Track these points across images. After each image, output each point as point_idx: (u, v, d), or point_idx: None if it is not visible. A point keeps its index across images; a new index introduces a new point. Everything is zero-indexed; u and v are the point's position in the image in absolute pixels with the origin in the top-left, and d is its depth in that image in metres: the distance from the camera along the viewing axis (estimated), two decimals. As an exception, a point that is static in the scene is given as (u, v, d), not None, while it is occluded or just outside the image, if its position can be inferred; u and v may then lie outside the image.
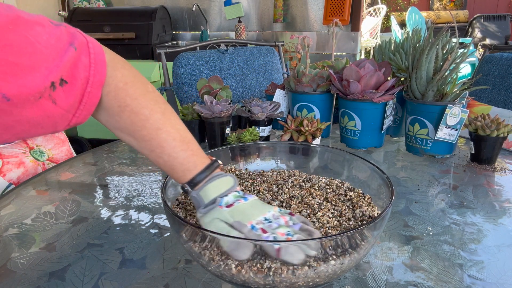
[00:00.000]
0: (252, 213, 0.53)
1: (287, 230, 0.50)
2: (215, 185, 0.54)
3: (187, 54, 1.64)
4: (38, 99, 0.42)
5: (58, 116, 0.46)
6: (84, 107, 0.48)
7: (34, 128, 0.45)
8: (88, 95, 0.48)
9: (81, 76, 0.47)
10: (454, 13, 6.30)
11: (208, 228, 0.51)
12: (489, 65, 1.56)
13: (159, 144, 0.54)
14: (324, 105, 1.12)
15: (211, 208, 0.53)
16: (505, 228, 0.69)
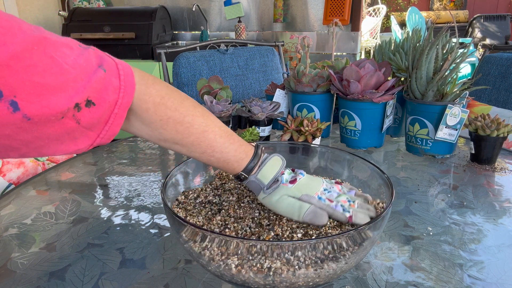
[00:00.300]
0: (314, 185, 0.58)
1: (346, 197, 0.58)
2: (269, 166, 0.58)
3: (187, 54, 1.64)
4: (60, 119, 0.42)
5: (78, 133, 0.46)
6: (109, 128, 0.48)
7: (54, 143, 0.44)
8: (114, 117, 0.48)
9: (110, 98, 0.47)
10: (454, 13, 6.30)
11: (279, 204, 0.56)
12: (489, 65, 1.56)
13: (209, 144, 0.56)
14: (324, 105, 1.12)
15: (275, 187, 0.57)
16: (505, 228, 0.69)
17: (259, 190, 0.58)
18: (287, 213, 0.56)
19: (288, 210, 0.56)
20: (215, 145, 0.56)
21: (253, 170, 0.58)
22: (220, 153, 0.57)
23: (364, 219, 0.54)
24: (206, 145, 0.56)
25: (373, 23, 5.06)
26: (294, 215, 0.55)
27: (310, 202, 0.55)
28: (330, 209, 0.55)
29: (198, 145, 0.55)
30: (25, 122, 0.39)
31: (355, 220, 0.54)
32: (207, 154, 0.56)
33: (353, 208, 0.56)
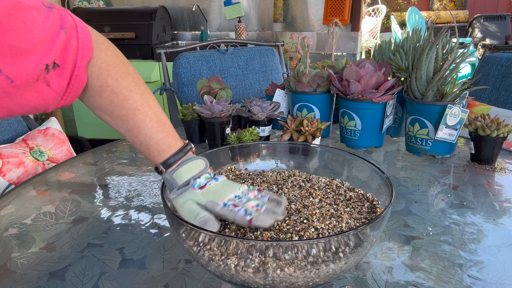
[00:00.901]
0: (224, 191, 0.57)
1: (256, 203, 0.56)
2: (188, 167, 0.57)
3: (187, 54, 1.64)
4: (35, 81, 0.45)
5: (51, 99, 0.49)
6: (71, 90, 0.51)
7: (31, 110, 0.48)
8: (75, 78, 0.50)
9: (70, 59, 0.49)
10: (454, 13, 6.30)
11: (182, 208, 0.55)
12: (489, 65, 1.56)
13: (136, 124, 0.56)
14: (324, 105, 1.12)
15: (184, 190, 0.56)
16: (505, 228, 0.69)
17: (171, 189, 0.57)
18: (186, 218, 0.54)
19: (187, 216, 0.54)
20: (142, 126, 0.56)
21: (171, 167, 0.57)
22: (144, 136, 0.57)
23: (265, 220, 0.53)
24: (133, 124, 0.56)
25: (373, 23, 5.06)
26: (191, 221, 0.53)
27: (213, 208, 0.54)
28: (232, 214, 0.54)
29: (126, 121, 0.56)
30: (9, 84, 0.42)
31: (255, 223, 0.52)
32: (132, 133, 0.57)
33: (258, 212, 0.54)
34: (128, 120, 0.56)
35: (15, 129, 1.23)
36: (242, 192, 0.58)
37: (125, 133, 0.57)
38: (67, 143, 1.25)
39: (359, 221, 0.57)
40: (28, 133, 1.20)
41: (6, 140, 1.18)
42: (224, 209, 0.54)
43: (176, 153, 0.58)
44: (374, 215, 0.58)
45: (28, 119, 1.31)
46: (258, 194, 0.59)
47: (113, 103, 0.55)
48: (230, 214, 0.54)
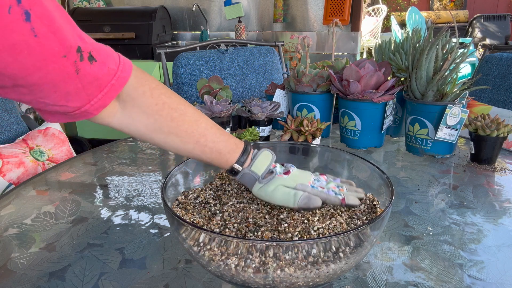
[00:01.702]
0: (305, 176, 0.61)
1: (335, 184, 0.62)
2: (261, 159, 0.60)
3: (187, 54, 1.64)
4: (62, 56, 0.43)
5: (74, 88, 0.46)
6: (102, 97, 0.49)
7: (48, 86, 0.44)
8: (110, 87, 0.49)
9: (110, 66, 0.49)
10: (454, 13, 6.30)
11: (275, 193, 0.58)
12: (489, 65, 1.56)
13: (202, 133, 0.57)
14: (324, 105, 1.12)
15: (271, 178, 0.59)
16: (505, 228, 0.69)
17: (253, 181, 0.60)
18: (282, 201, 0.58)
19: (283, 198, 0.58)
20: (207, 134, 0.57)
21: (245, 163, 0.60)
22: (212, 142, 0.58)
23: (355, 200, 0.59)
24: (199, 134, 0.57)
25: (373, 23, 5.06)
26: (289, 202, 0.57)
27: (305, 190, 0.58)
28: (324, 194, 0.58)
29: (192, 133, 0.56)
30: (32, 37, 0.40)
31: (348, 202, 0.58)
32: (200, 144, 0.57)
33: (343, 192, 0.60)
34: (194, 132, 0.57)
35: (15, 129, 1.23)
36: (315, 176, 0.62)
37: (193, 147, 0.57)
38: (67, 143, 1.25)
39: (359, 221, 0.57)
40: (28, 133, 1.20)
41: (6, 140, 1.18)
42: (315, 190, 0.59)
43: (245, 150, 0.60)
44: (374, 215, 0.58)
45: (28, 119, 1.31)
46: (328, 178, 0.63)
47: (175, 119, 0.55)
48: (321, 194, 0.58)
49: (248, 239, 0.51)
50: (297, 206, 0.57)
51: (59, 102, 0.47)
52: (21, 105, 2.63)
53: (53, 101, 0.46)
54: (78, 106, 0.48)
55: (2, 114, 1.20)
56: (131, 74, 0.52)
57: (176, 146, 0.57)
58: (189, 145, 0.57)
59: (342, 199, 0.58)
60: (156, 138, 0.56)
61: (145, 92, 0.53)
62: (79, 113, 0.49)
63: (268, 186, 0.59)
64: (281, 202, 0.58)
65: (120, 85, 0.50)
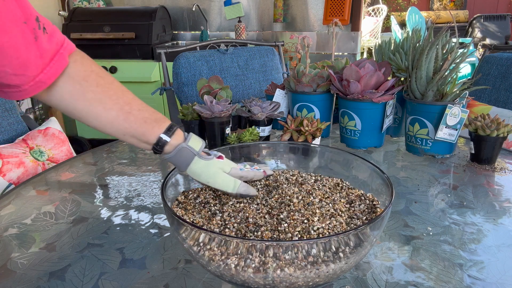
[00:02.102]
0: (231, 162, 0.65)
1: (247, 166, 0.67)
2: (195, 138, 0.62)
3: (187, 54, 1.64)
4: (23, 22, 0.47)
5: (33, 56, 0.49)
6: (53, 65, 0.52)
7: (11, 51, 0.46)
8: (59, 56, 0.52)
9: (58, 38, 0.53)
10: (454, 13, 6.30)
11: (216, 176, 0.60)
12: (489, 65, 1.56)
13: (127, 101, 0.58)
14: (324, 105, 1.12)
15: (210, 159, 0.61)
16: (505, 228, 0.69)
17: (191, 157, 0.59)
18: (222, 186, 0.60)
19: (224, 183, 0.60)
20: (133, 103, 0.58)
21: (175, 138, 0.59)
22: (138, 110, 0.58)
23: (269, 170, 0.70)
24: (124, 101, 0.57)
25: (373, 23, 5.06)
26: (229, 188, 0.60)
27: (237, 173, 0.63)
28: (251, 172, 0.65)
29: (117, 100, 0.57)
30: None
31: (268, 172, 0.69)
32: (124, 111, 0.57)
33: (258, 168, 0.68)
34: (119, 99, 0.57)
35: (15, 129, 1.23)
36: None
37: (116, 114, 0.57)
38: (67, 143, 1.25)
39: (359, 221, 0.57)
40: (28, 133, 1.20)
41: (6, 140, 1.18)
42: (244, 171, 0.64)
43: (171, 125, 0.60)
44: (374, 215, 0.58)
45: (28, 119, 1.31)
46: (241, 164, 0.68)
47: (101, 85, 0.56)
48: (249, 173, 0.65)
49: (248, 239, 0.51)
50: (235, 193, 0.60)
51: (18, 70, 0.48)
52: (21, 105, 2.63)
53: (13, 70, 0.48)
54: (34, 75, 0.50)
55: (2, 114, 1.20)
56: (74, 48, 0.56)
57: (98, 115, 0.56)
58: (112, 112, 0.56)
59: (263, 171, 0.67)
60: (79, 105, 0.55)
61: (76, 60, 0.55)
62: (34, 83, 0.51)
63: (210, 167, 0.60)
64: (221, 186, 0.60)
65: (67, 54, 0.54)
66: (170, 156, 0.60)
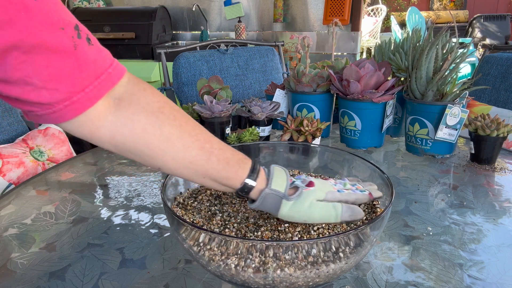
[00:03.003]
0: (326, 183, 0.56)
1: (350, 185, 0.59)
2: (277, 174, 0.52)
3: (187, 54, 1.64)
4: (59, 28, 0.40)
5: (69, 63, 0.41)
6: (98, 84, 0.43)
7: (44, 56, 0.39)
8: (108, 75, 0.44)
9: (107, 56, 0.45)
10: (454, 13, 6.30)
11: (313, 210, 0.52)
12: (489, 65, 1.56)
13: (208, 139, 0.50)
14: (324, 105, 1.12)
15: (299, 193, 0.52)
16: (505, 228, 0.69)
17: (279, 201, 0.51)
18: (322, 218, 0.52)
19: (323, 215, 0.52)
20: (213, 140, 0.50)
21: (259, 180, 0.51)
22: (219, 149, 0.50)
23: (377, 191, 0.59)
24: (204, 138, 0.49)
25: (372, 23, 5.06)
26: (331, 218, 0.52)
27: (335, 197, 0.54)
28: (353, 195, 0.56)
29: (196, 136, 0.49)
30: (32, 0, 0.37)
31: (375, 195, 0.58)
32: (206, 150, 0.49)
33: (361, 188, 0.58)
34: (198, 135, 0.49)
35: (15, 129, 1.23)
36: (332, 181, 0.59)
37: (197, 153, 0.48)
38: (67, 143, 1.25)
39: (359, 221, 0.57)
40: (28, 133, 1.20)
41: (6, 140, 1.18)
42: (344, 195, 0.55)
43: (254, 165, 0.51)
44: (374, 215, 0.58)
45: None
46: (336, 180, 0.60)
47: (178, 118, 0.48)
48: (351, 196, 0.55)
49: (248, 239, 0.51)
50: (340, 220, 0.53)
51: (49, 84, 0.40)
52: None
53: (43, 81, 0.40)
54: (70, 92, 0.41)
55: (2, 114, 1.20)
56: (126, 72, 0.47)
57: (176, 154, 0.48)
58: (192, 151, 0.48)
59: (369, 194, 0.57)
60: (154, 142, 0.47)
61: (146, 89, 0.48)
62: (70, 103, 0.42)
63: (301, 204, 0.51)
64: (321, 219, 0.52)
65: (117, 76, 0.45)
66: (257, 206, 0.52)
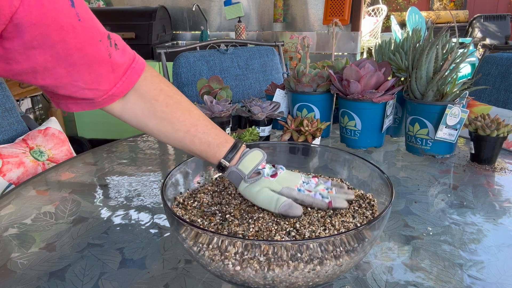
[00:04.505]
0: (293, 179, 0.61)
1: (324, 186, 0.61)
2: (250, 158, 0.60)
3: (187, 54, 1.64)
4: (98, 41, 0.49)
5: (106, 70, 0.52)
6: (126, 80, 0.55)
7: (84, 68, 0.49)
8: (131, 71, 0.55)
9: (130, 54, 0.56)
10: (454, 13, 6.30)
11: (259, 195, 0.58)
12: (489, 65, 1.56)
13: (194, 123, 0.59)
14: (324, 105, 1.12)
15: (257, 178, 0.59)
16: (505, 228, 0.69)
17: (239, 180, 0.59)
18: (264, 204, 0.57)
19: (266, 202, 0.57)
20: (198, 124, 0.59)
21: (233, 160, 0.60)
22: (202, 133, 0.59)
23: (342, 202, 0.58)
24: (190, 123, 0.59)
25: (373, 23, 5.06)
26: (271, 207, 0.57)
27: (290, 194, 0.58)
28: (310, 198, 0.58)
29: (184, 121, 0.59)
30: (77, 21, 0.46)
31: (335, 204, 0.57)
32: (190, 133, 0.59)
33: (331, 194, 0.59)
34: (185, 121, 0.59)
35: (15, 129, 1.23)
36: (305, 179, 0.62)
37: (183, 135, 0.59)
38: (67, 143, 1.25)
39: (360, 220, 0.57)
40: (28, 133, 1.20)
41: (6, 140, 1.18)
42: (300, 194, 0.58)
43: (234, 146, 0.60)
44: (374, 215, 0.58)
45: (28, 119, 1.31)
46: (318, 180, 0.62)
47: (169, 105, 0.58)
48: (308, 198, 0.58)
49: (248, 239, 0.51)
50: (277, 212, 0.56)
51: (91, 85, 0.51)
52: (21, 105, 2.63)
53: (86, 84, 0.51)
54: (107, 89, 0.53)
55: (2, 114, 1.20)
56: (146, 65, 0.58)
57: (167, 133, 0.59)
58: (180, 133, 0.59)
59: (329, 202, 0.57)
60: (150, 123, 0.59)
61: (146, 77, 0.58)
62: (107, 97, 0.54)
63: (253, 187, 0.58)
64: (263, 205, 0.58)
65: (140, 69, 0.56)
66: (225, 176, 0.61)
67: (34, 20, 0.42)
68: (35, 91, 2.59)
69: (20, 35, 0.43)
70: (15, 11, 0.41)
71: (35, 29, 0.43)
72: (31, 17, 0.42)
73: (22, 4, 0.41)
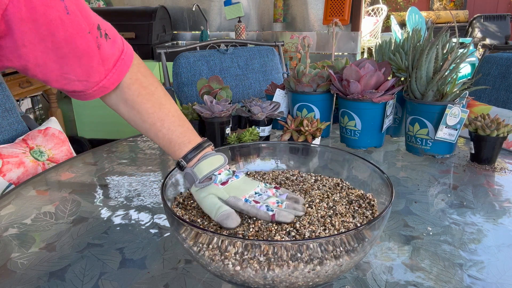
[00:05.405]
0: (245, 188, 0.59)
1: (276, 199, 0.58)
2: (208, 162, 0.59)
3: (187, 54, 1.64)
4: (87, 32, 0.49)
5: (96, 62, 0.52)
6: (116, 71, 0.55)
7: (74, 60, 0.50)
8: (121, 62, 0.56)
9: (119, 44, 0.56)
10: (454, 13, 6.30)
11: (203, 202, 0.57)
12: (489, 65, 1.56)
13: (160, 117, 0.60)
14: (324, 105, 1.12)
15: (206, 184, 0.58)
16: (505, 228, 0.69)
17: (192, 182, 0.59)
18: (207, 211, 0.57)
19: (208, 208, 0.57)
20: (165, 119, 0.60)
21: (192, 161, 0.60)
22: (167, 129, 0.60)
23: (287, 216, 0.55)
24: (158, 117, 0.60)
25: (373, 23, 5.06)
26: (212, 214, 0.56)
27: (236, 204, 0.56)
28: (255, 209, 0.56)
29: (151, 114, 0.59)
30: (65, 14, 0.46)
31: (278, 218, 0.55)
32: (155, 127, 0.60)
33: (280, 208, 0.57)
34: (153, 113, 0.59)
35: (15, 129, 1.23)
36: (261, 190, 0.60)
37: (149, 127, 0.60)
38: (67, 143, 1.25)
39: (360, 220, 0.57)
40: (28, 133, 1.20)
41: (6, 140, 1.18)
42: (246, 205, 0.57)
43: (196, 147, 0.60)
44: (374, 215, 0.58)
45: (28, 119, 1.31)
46: (276, 192, 0.61)
47: (141, 95, 0.59)
48: (252, 209, 0.56)
49: (248, 239, 0.51)
50: (216, 220, 0.55)
51: (81, 77, 0.52)
52: (21, 105, 2.63)
53: (77, 76, 0.51)
54: (97, 81, 0.54)
55: (2, 114, 1.20)
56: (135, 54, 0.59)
57: (135, 122, 0.61)
58: (146, 125, 0.60)
59: (272, 215, 0.55)
60: (121, 108, 0.60)
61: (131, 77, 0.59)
62: (97, 88, 0.55)
63: (201, 192, 0.58)
64: (206, 211, 0.57)
65: (129, 60, 0.57)
66: (182, 175, 0.62)
67: (24, 15, 0.43)
68: (35, 91, 2.59)
69: (11, 32, 0.43)
70: (5, 8, 0.41)
71: (25, 25, 0.43)
72: (20, 13, 0.42)
73: (11, 0, 0.41)
